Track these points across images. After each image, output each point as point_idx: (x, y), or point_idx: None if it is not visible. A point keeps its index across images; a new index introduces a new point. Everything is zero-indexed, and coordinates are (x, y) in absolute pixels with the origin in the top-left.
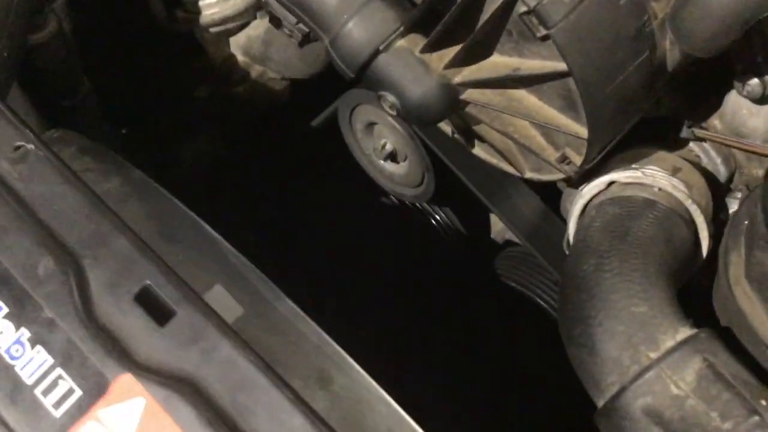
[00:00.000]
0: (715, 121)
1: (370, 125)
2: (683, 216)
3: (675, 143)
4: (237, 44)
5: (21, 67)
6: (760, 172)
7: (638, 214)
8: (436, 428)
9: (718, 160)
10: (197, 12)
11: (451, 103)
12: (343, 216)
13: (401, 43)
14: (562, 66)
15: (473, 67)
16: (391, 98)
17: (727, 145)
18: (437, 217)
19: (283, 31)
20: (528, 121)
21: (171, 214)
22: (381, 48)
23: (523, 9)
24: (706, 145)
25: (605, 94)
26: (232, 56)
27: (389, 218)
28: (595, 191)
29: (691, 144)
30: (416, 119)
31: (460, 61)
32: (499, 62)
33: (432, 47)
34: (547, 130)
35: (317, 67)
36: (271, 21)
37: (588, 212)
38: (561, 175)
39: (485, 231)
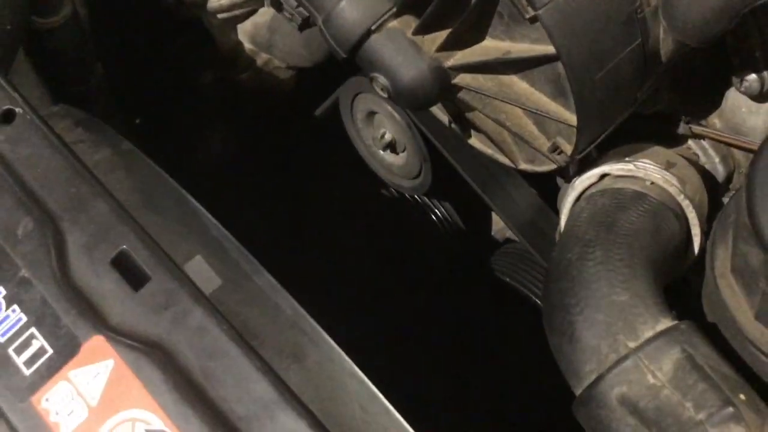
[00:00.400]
0: (714, 119)
1: (371, 115)
2: (674, 210)
3: (673, 140)
4: (244, 32)
5: (35, 50)
6: None
7: (627, 205)
8: (433, 419)
9: (716, 159)
10: None
11: (443, 86)
12: (344, 209)
13: (393, 24)
14: (550, 49)
15: (465, 50)
16: (382, 80)
17: (723, 143)
18: (437, 212)
19: (284, 15)
20: (519, 107)
21: (157, 185)
22: (373, 28)
23: None
24: (704, 143)
25: (594, 80)
26: (239, 43)
27: (389, 212)
28: (587, 183)
29: (690, 142)
30: (407, 102)
31: (451, 44)
32: (490, 46)
33: (424, 29)
34: (539, 118)
35: (321, 56)
36: (272, 4)
37: (579, 203)
38: (553, 166)
39: (485, 227)
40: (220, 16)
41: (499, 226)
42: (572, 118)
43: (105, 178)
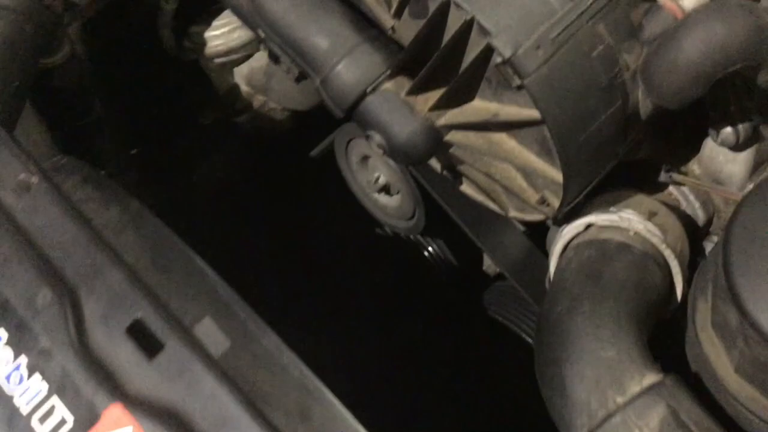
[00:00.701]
0: (693, 165)
1: (365, 158)
2: (657, 260)
3: (654, 186)
4: (240, 74)
5: (35, 89)
6: None
7: (612, 257)
8: None
9: (696, 205)
10: (203, 43)
11: (435, 144)
12: (337, 245)
13: (388, 85)
14: (536, 114)
15: (456, 110)
16: (378, 138)
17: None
18: (430, 249)
19: (281, 67)
20: (508, 163)
21: (165, 245)
22: (368, 90)
23: (499, 60)
24: (685, 189)
25: (578, 141)
26: (236, 86)
27: (382, 248)
28: (574, 232)
29: (671, 188)
30: (402, 159)
31: (443, 105)
32: (479, 107)
33: (417, 90)
34: (528, 173)
35: (316, 100)
36: (270, 57)
37: (567, 253)
38: (542, 216)
39: (477, 262)
40: (217, 60)
41: (489, 261)
42: (558, 176)
43: (115, 239)
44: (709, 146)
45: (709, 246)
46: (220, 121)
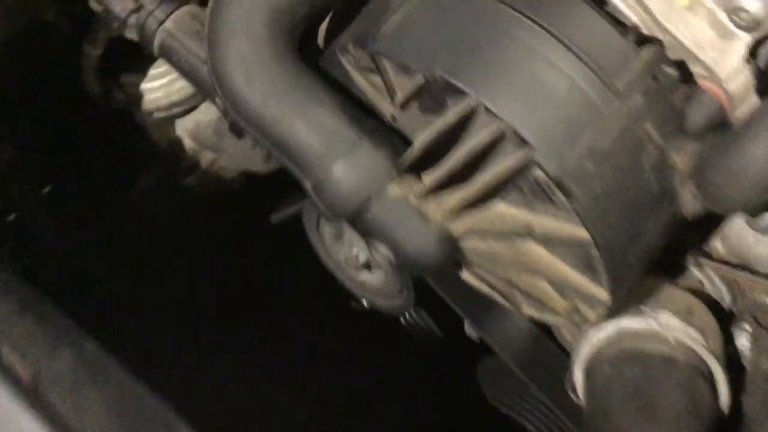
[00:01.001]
0: (717, 243)
1: (341, 232)
2: (703, 372)
3: (677, 268)
4: (184, 129)
5: None
6: (765, 299)
7: (659, 378)
8: None
9: (723, 289)
10: (138, 95)
11: (451, 254)
12: (306, 311)
13: (394, 188)
14: (582, 233)
15: (476, 214)
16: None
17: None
18: (407, 317)
19: (247, 140)
20: (537, 275)
21: (134, 407)
22: (371, 196)
23: (541, 175)
24: (710, 271)
25: (629, 260)
26: (179, 140)
27: (356, 318)
28: (604, 339)
29: (693, 268)
30: (413, 271)
31: (461, 209)
32: (506, 214)
33: (430, 193)
34: (559, 283)
35: (279, 163)
36: (231, 130)
37: (600, 365)
38: (566, 323)
39: (459, 326)
40: (156, 115)
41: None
42: (601, 293)
43: (71, 399)
44: (737, 226)
45: (739, 335)
46: (162, 185)
